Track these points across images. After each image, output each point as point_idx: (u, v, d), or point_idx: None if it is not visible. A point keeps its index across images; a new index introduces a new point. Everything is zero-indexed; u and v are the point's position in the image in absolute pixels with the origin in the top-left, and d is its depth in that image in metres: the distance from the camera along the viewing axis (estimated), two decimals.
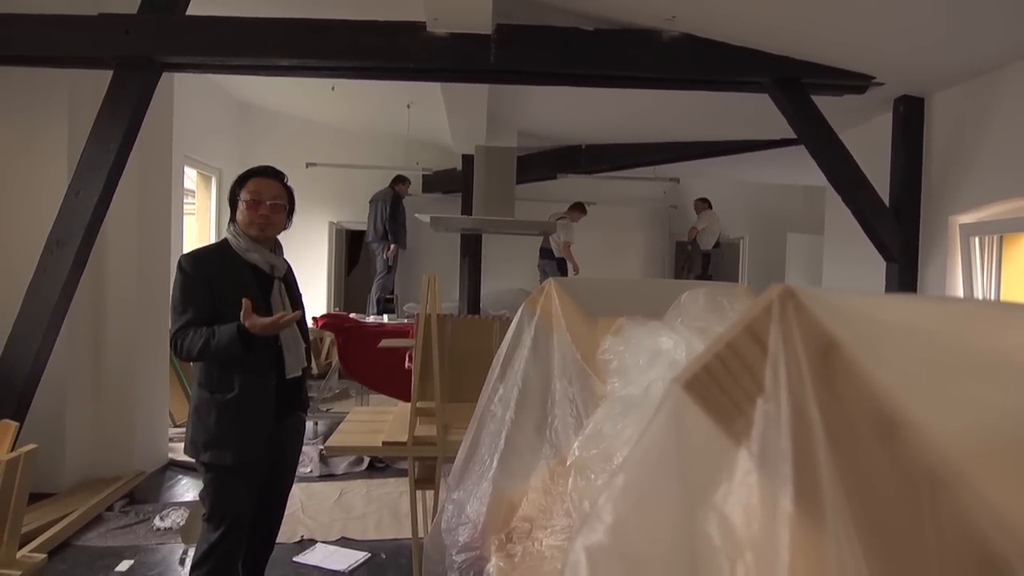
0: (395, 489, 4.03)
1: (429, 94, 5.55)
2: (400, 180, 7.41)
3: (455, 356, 2.72)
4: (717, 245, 7.61)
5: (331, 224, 7.60)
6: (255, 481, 2.11)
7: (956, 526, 0.41)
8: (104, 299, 4.00)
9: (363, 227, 7.62)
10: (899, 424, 0.42)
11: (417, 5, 3.26)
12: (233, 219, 2.17)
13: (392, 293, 7.49)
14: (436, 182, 7.87)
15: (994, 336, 0.42)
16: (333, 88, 5.73)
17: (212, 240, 6.69)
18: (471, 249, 7.33)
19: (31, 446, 2.12)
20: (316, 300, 7.64)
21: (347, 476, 4.28)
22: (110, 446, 3.94)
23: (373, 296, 7.41)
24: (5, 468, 2.03)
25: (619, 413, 1.30)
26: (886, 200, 3.71)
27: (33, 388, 3.37)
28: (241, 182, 2.15)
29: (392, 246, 7.20)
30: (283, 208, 2.17)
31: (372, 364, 5.10)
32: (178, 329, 2.02)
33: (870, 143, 3.93)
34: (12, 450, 2.19)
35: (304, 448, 3.14)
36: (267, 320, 1.97)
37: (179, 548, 3.17)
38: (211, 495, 2.07)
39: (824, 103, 3.49)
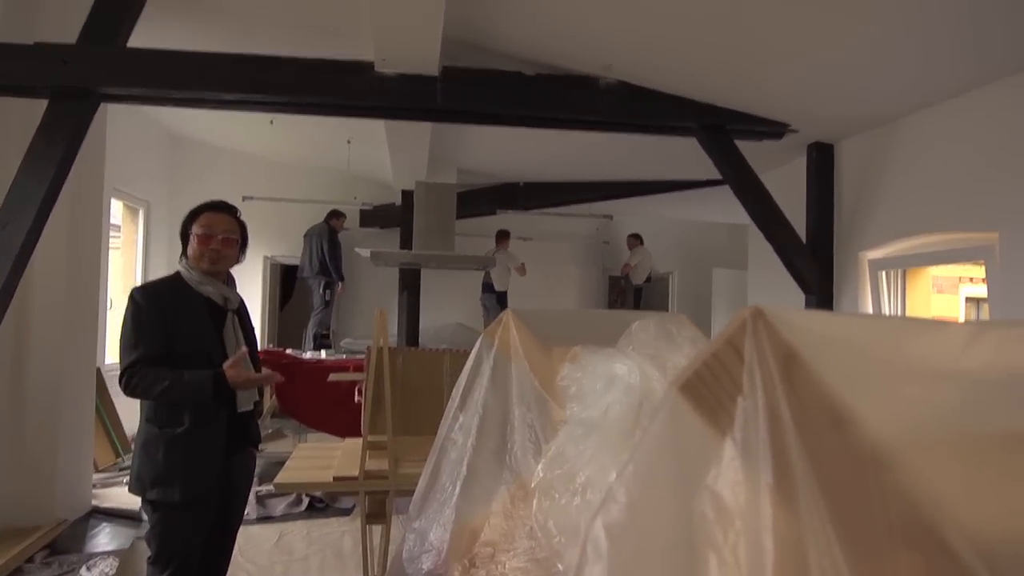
0: (336, 529, 3.96)
1: (370, 130, 5.62)
2: (335, 215, 7.39)
3: (406, 389, 2.75)
4: (648, 280, 7.91)
5: (265, 259, 7.46)
6: (204, 519, 2.07)
7: (895, 498, 0.52)
8: (28, 337, 3.81)
9: (296, 262, 7.54)
10: (845, 418, 0.53)
11: (365, 45, 3.36)
12: (185, 253, 2.16)
13: (328, 328, 7.39)
14: (374, 217, 7.88)
15: (920, 345, 0.54)
16: (272, 122, 5.72)
17: (138, 275, 6.45)
18: (410, 284, 7.35)
19: None
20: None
21: (286, 518, 4.17)
22: (30, 493, 3.71)
23: (310, 332, 7.29)
24: None
25: (580, 435, 1.39)
26: (803, 236, 4.01)
27: None
28: (193, 216, 2.15)
29: (340, 283, 7.16)
30: (235, 242, 2.18)
31: (312, 401, 5.01)
32: (130, 364, 1.98)
33: (789, 184, 4.25)
34: None
35: None
36: (255, 376, 2.00)
37: None
38: (158, 535, 2.01)
39: (746, 147, 3.77)
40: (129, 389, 1.99)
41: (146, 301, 2.03)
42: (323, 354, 6.16)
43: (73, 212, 3.96)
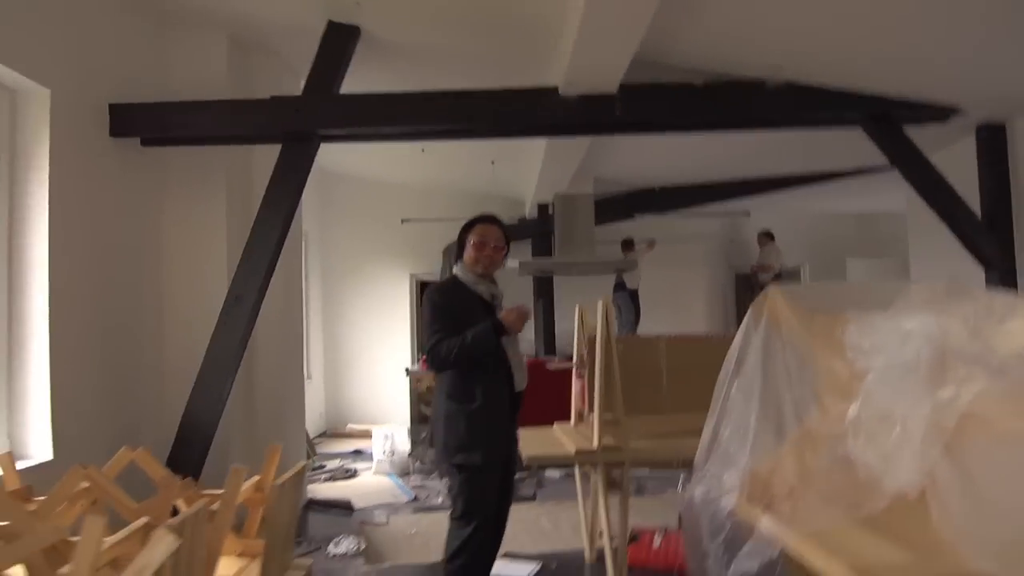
0: (530, 513, 4.31)
1: (513, 151, 6.06)
2: None
3: (626, 373, 3.05)
4: (779, 276, 7.93)
5: (411, 276, 8.04)
6: (497, 480, 2.44)
7: None
8: (255, 355, 4.37)
9: (434, 278, 8.09)
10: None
11: (548, 72, 3.73)
12: (460, 258, 2.57)
13: None
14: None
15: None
16: (423, 150, 6.25)
17: (304, 300, 7.14)
18: (544, 291, 7.72)
19: (301, 463, 2.47)
20: (401, 348, 8.02)
21: None
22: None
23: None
24: (280, 489, 2.36)
25: (894, 378, 1.63)
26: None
27: (213, 432, 3.72)
28: (468, 228, 2.56)
29: None
30: (503, 249, 2.56)
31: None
32: (435, 343, 2.40)
33: (954, 165, 4.26)
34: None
35: None
36: (515, 313, 2.37)
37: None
38: (464, 493, 2.38)
39: (910, 131, 3.87)
40: (436, 361, 2.41)
41: (441, 298, 2.46)
42: None
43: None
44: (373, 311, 7.93)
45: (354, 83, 4.01)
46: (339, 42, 3.88)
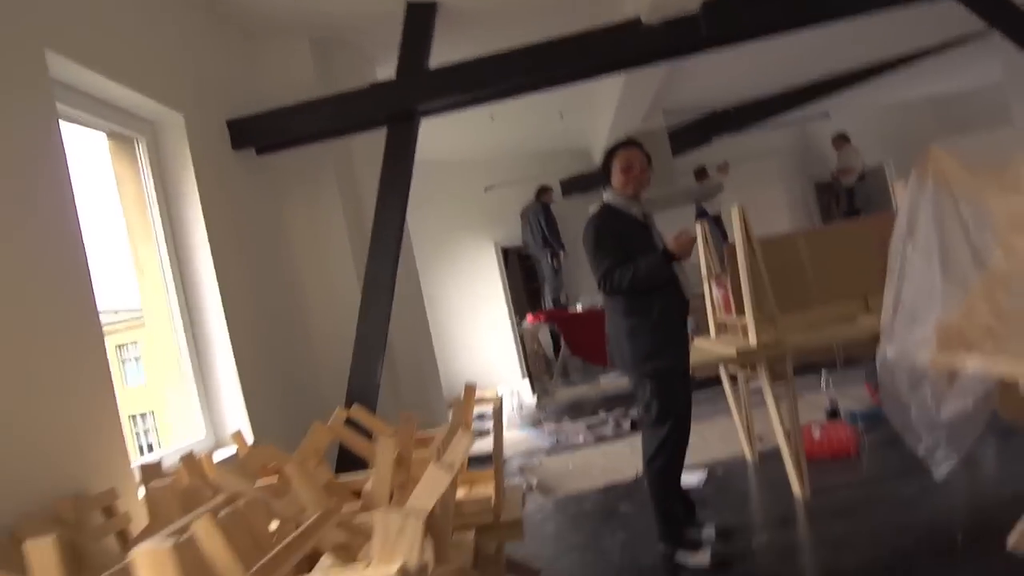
0: None
1: (578, 100, 6.15)
2: (545, 190, 8.01)
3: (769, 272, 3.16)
4: (862, 178, 7.79)
5: (496, 244, 8.27)
6: (687, 381, 2.62)
7: None
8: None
9: (517, 243, 8.30)
10: None
11: (617, 8, 3.81)
12: (608, 184, 2.73)
13: (562, 292, 8.04)
14: (574, 185, 8.44)
15: None
16: (492, 118, 6.40)
17: None
18: None
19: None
20: (499, 313, 8.27)
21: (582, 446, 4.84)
22: None
23: (547, 298, 7.98)
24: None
25: None
26: None
27: (375, 408, 4.01)
28: (611, 154, 2.70)
29: (563, 251, 7.78)
30: (648, 170, 2.70)
31: (597, 341, 5.60)
32: (607, 270, 2.58)
33: None
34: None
35: None
36: (685, 239, 2.52)
37: None
38: (660, 398, 2.56)
39: None
40: (610, 287, 2.59)
41: (601, 224, 2.63)
42: (579, 307, 6.80)
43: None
44: (465, 284, 8.18)
45: (438, 57, 4.17)
46: (420, 21, 4.04)
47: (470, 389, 2.79)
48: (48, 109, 2.53)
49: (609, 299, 2.70)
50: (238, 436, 2.82)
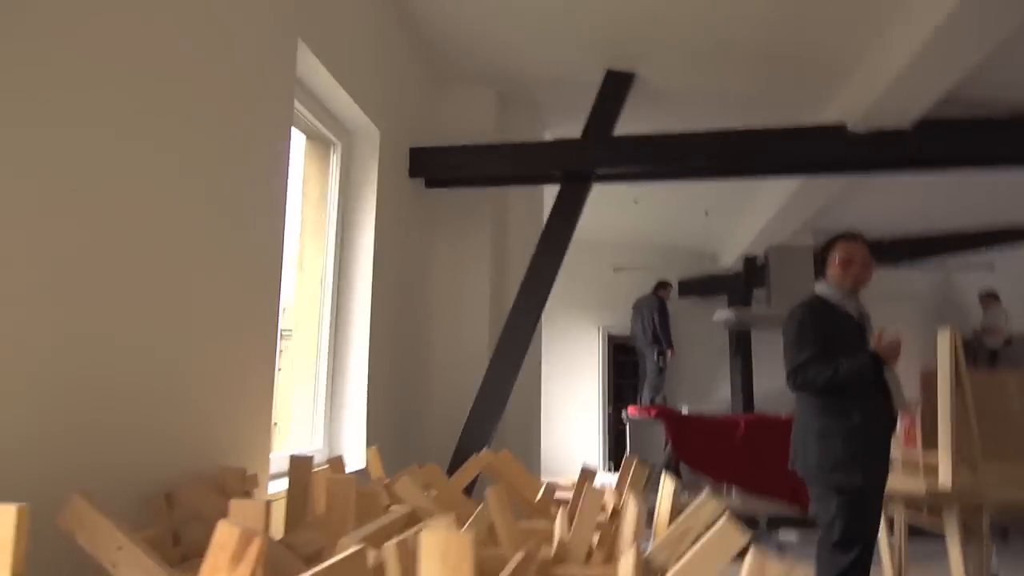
0: None
1: (727, 201, 6.04)
2: (663, 286, 7.84)
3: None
4: (1009, 341, 7.22)
5: (601, 327, 8.10)
6: (880, 504, 2.30)
7: None
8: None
9: (624, 331, 8.08)
10: None
11: (830, 110, 3.71)
12: (822, 275, 2.53)
13: (661, 393, 7.70)
14: (692, 287, 8.24)
15: None
16: (636, 201, 6.37)
17: None
18: (742, 347, 7.49)
19: None
20: (590, 399, 8.00)
21: None
22: None
23: (645, 396, 7.64)
24: None
25: None
26: None
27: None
28: (831, 244, 2.52)
29: (670, 351, 7.51)
30: (871, 266, 2.50)
31: (707, 450, 5.22)
32: (800, 364, 2.34)
33: None
34: None
35: None
36: (892, 341, 2.27)
37: None
38: (844, 516, 2.26)
39: None
40: (799, 384, 2.35)
41: (808, 314, 2.42)
42: (685, 411, 6.43)
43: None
44: (562, 365, 7.99)
45: (622, 127, 4.19)
46: (616, 88, 4.08)
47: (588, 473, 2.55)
48: (287, 102, 2.60)
49: (801, 396, 2.45)
50: (374, 453, 2.69)
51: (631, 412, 6.20)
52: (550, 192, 4.23)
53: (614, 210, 6.80)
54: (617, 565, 1.40)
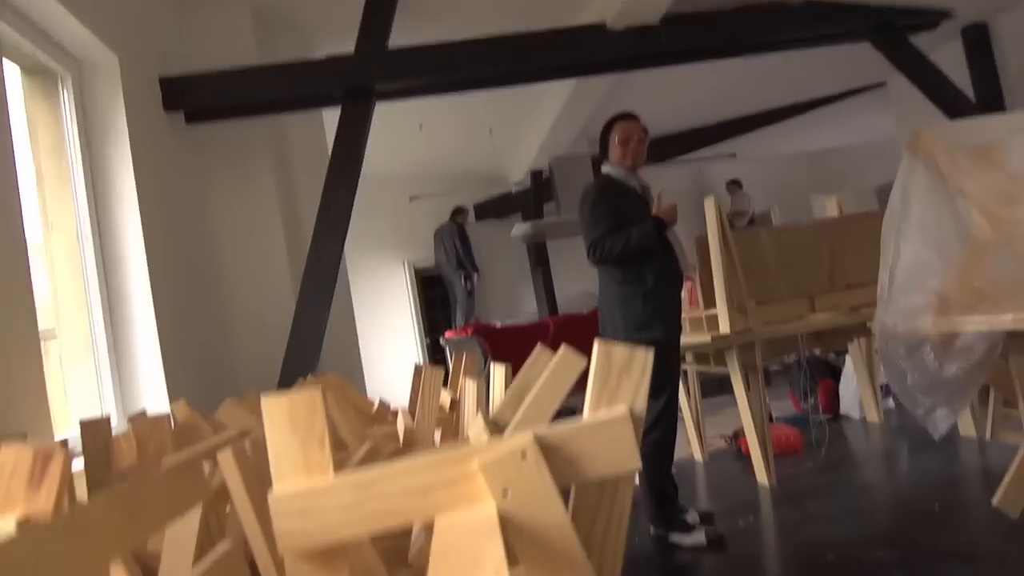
0: None
1: (510, 118, 6.22)
2: (460, 211, 7.94)
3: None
4: (752, 222, 8.43)
5: (407, 262, 8.02)
6: (679, 353, 2.60)
7: None
8: None
9: (430, 264, 8.11)
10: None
11: (588, 11, 3.90)
12: (606, 157, 2.71)
13: (474, 316, 7.91)
14: (487, 209, 8.45)
15: None
16: (421, 127, 6.28)
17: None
18: (540, 258, 7.92)
19: None
20: (406, 335, 7.97)
21: None
22: None
23: (459, 321, 7.80)
24: None
25: None
26: None
27: None
28: (609, 127, 2.69)
29: (477, 274, 7.68)
30: (646, 140, 2.71)
31: (524, 355, 5.50)
32: (598, 238, 2.53)
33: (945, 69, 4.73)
34: None
35: None
36: (668, 205, 2.53)
37: None
38: (652, 370, 2.50)
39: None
40: (599, 257, 2.56)
41: (597, 194, 2.59)
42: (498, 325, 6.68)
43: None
44: (374, 305, 7.83)
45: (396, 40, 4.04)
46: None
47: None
48: None
49: (602, 269, 2.65)
50: (183, 406, 2.42)
51: (448, 336, 6.31)
52: (331, 119, 4.00)
53: (401, 140, 6.66)
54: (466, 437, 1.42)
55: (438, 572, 0.68)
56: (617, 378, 0.84)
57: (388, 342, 7.95)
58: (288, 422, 0.80)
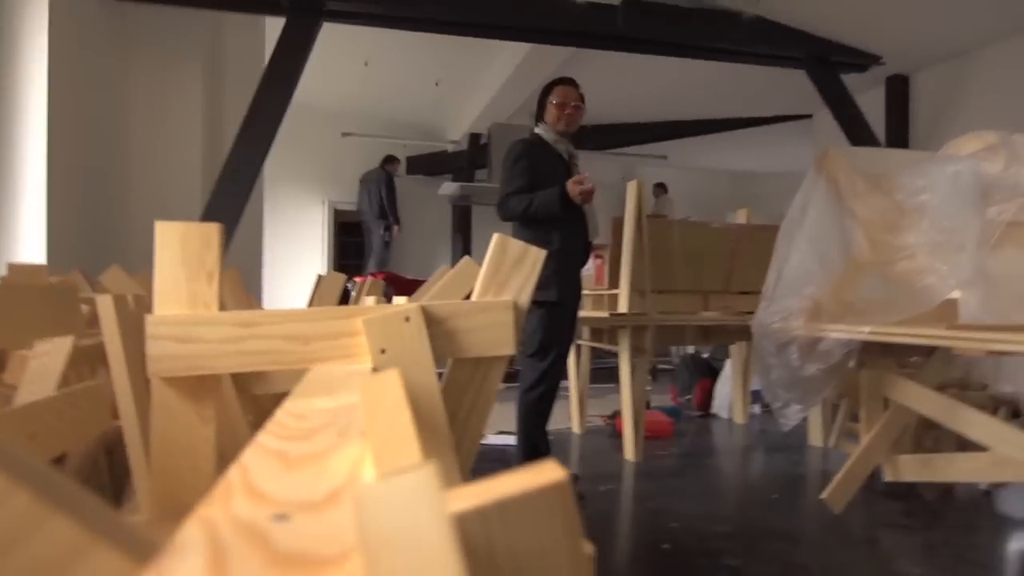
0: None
1: (460, 73, 6.16)
2: (391, 160, 7.80)
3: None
4: None
5: (325, 201, 7.82)
6: (573, 319, 2.70)
7: None
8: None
9: (351, 207, 7.94)
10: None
11: None
12: (541, 119, 2.75)
13: (387, 267, 7.82)
14: (419, 164, 8.35)
15: None
16: (367, 63, 6.12)
17: None
18: (463, 223, 7.93)
19: None
20: (313, 273, 7.77)
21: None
22: None
23: (371, 270, 7.69)
24: None
25: (947, 207, 2.14)
26: None
27: None
28: (548, 90, 2.74)
29: (397, 226, 7.58)
30: (582, 109, 2.78)
31: None
32: (507, 195, 2.59)
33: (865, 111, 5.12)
34: None
35: None
36: (586, 187, 2.59)
37: None
38: (543, 327, 2.59)
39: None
40: (505, 213, 2.62)
41: (521, 150, 2.64)
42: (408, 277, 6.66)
43: None
44: (286, 240, 7.60)
45: None
46: None
47: None
48: None
49: (514, 226, 2.70)
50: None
51: (357, 280, 6.22)
52: (273, 31, 3.85)
53: (343, 73, 6.47)
54: None
55: None
56: (508, 270, 0.89)
57: (293, 278, 7.74)
58: (180, 251, 0.80)
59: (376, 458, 0.31)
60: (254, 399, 1.29)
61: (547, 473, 0.27)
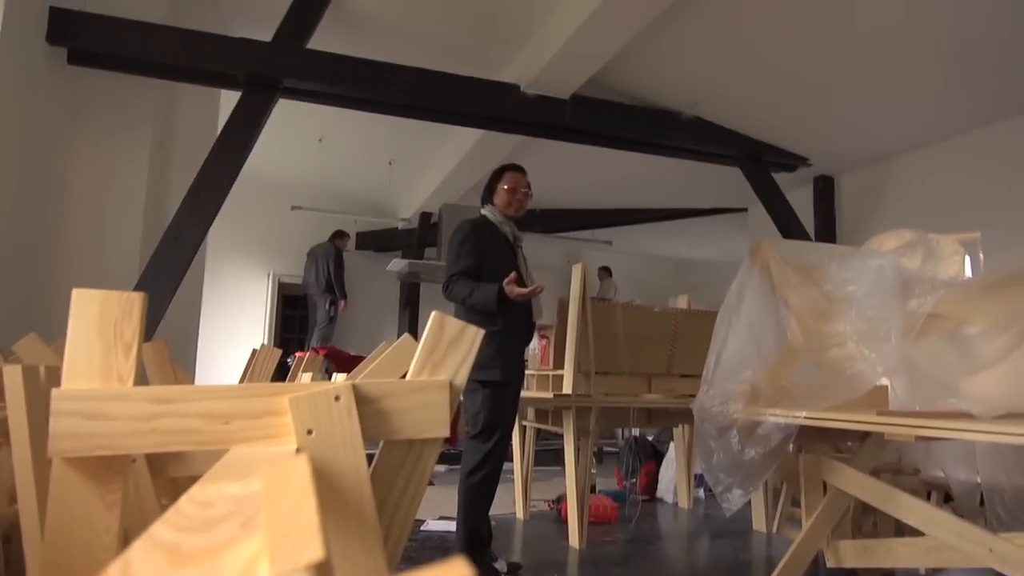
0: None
1: (411, 154, 6.30)
2: (341, 235, 7.79)
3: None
4: None
5: (271, 274, 7.68)
6: (514, 398, 2.67)
7: None
8: None
9: (297, 280, 7.82)
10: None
11: (505, 70, 4.13)
12: (490, 201, 2.81)
13: (330, 342, 7.65)
14: (369, 240, 8.36)
15: None
16: (321, 140, 6.19)
17: None
18: (411, 298, 7.89)
19: None
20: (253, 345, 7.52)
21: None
22: None
23: (315, 345, 7.50)
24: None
25: (872, 298, 2.25)
26: None
27: None
28: (499, 174, 2.81)
29: (343, 301, 7.49)
30: (530, 196, 2.86)
31: None
32: (452, 276, 2.61)
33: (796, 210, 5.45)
34: None
35: None
36: (525, 290, 2.61)
37: None
38: (486, 408, 2.55)
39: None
40: (450, 294, 2.62)
41: (470, 231, 2.67)
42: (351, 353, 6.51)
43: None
44: (227, 312, 7.39)
45: (316, 43, 4.04)
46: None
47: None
48: None
49: (455, 307, 2.71)
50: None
51: (298, 356, 6.05)
52: (228, 99, 3.87)
53: (297, 148, 6.53)
54: None
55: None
56: (445, 349, 0.88)
57: (231, 351, 7.48)
58: (97, 321, 0.76)
59: (273, 555, 0.28)
60: (172, 481, 1.21)
61: (453, 570, 0.26)
